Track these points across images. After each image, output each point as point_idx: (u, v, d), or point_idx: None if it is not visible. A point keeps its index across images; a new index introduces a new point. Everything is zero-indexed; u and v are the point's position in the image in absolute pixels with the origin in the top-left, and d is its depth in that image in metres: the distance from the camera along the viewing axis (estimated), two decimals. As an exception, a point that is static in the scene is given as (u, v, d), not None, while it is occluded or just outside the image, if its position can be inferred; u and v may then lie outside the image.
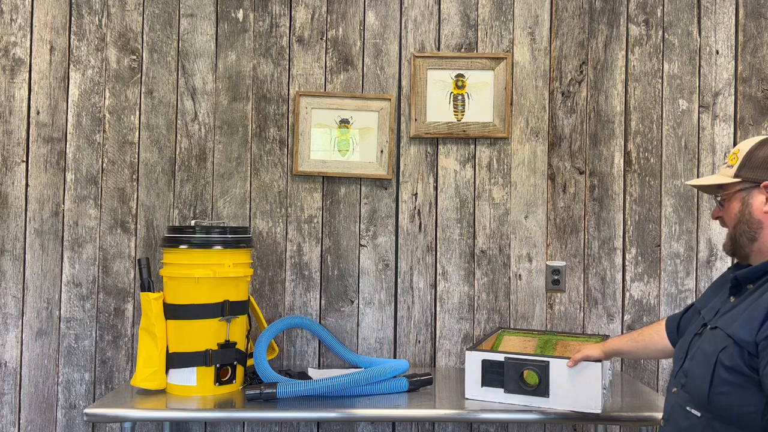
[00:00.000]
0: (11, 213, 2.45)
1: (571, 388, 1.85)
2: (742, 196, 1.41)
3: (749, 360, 1.26)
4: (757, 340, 1.25)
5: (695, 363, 1.38)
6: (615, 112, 2.47)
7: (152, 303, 2.04)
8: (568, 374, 1.86)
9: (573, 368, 1.84)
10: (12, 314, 2.44)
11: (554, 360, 1.88)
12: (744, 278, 1.39)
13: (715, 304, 1.48)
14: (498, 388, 1.93)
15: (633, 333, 1.85)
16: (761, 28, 2.47)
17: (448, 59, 2.46)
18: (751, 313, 1.29)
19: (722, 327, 1.34)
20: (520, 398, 1.91)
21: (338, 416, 1.98)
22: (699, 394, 1.33)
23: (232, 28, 2.49)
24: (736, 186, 1.42)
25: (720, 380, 1.29)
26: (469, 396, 1.97)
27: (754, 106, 2.46)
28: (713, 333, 1.37)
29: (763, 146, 1.40)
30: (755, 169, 1.39)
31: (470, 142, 2.48)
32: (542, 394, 1.88)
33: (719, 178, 1.46)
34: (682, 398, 1.40)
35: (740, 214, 1.40)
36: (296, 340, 2.47)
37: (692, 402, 1.36)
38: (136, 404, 1.95)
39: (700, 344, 1.40)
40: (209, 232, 2.08)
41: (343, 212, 2.48)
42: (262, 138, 2.48)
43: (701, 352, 1.37)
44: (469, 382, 1.97)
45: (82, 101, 2.47)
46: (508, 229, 2.47)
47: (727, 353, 1.29)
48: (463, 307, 2.47)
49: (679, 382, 1.43)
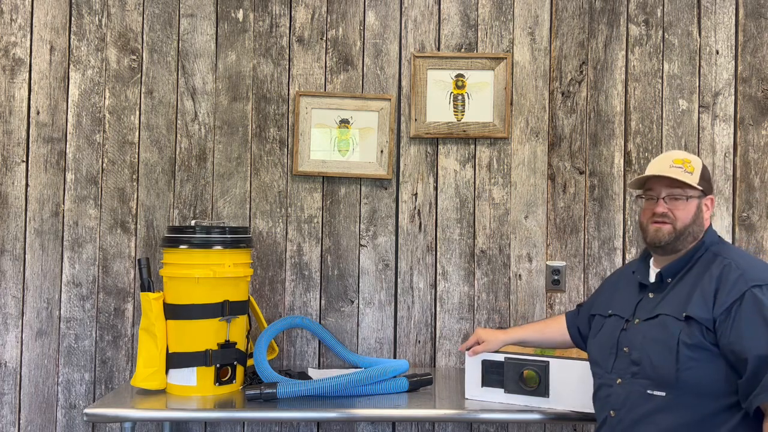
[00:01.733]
0: (11, 213, 2.45)
1: (570, 388, 1.85)
2: (698, 202, 1.65)
3: (707, 335, 1.50)
4: (714, 316, 1.50)
5: (650, 350, 1.56)
6: (615, 112, 2.47)
7: (152, 303, 2.04)
8: (568, 375, 1.86)
9: (572, 369, 1.87)
10: (12, 314, 2.44)
11: (554, 360, 1.88)
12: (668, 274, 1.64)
13: (627, 302, 1.70)
14: (498, 388, 1.94)
15: (539, 324, 2.05)
16: (761, 28, 2.47)
17: (448, 59, 2.46)
18: (701, 295, 1.54)
19: (669, 313, 1.56)
20: (520, 398, 1.91)
21: (338, 416, 1.98)
22: (663, 375, 1.53)
23: (232, 28, 2.49)
24: (698, 192, 1.65)
25: (685, 358, 1.50)
26: (469, 396, 1.97)
27: (754, 106, 2.46)
28: (656, 321, 1.58)
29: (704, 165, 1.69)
30: (707, 182, 1.67)
31: (470, 142, 2.48)
32: (542, 394, 1.88)
33: (691, 178, 1.64)
34: (639, 384, 1.57)
35: (695, 218, 1.64)
36: (296, 340, 2.47)
37: (653, 385, 1.54)
38: (136, 404, 1.95)
39: (645, 334, 1.59)
40: (209, 232, 2.08)
41: (343, 212, 2.48)
42: (262, 138, 2.48)
43: (650, 340, 1.57)
44: (469, 383, 1.97)
45: (82, 101, 2.47)
46: (508, 229, 2.48)
47: (686, 333, 1.51)
48: (463, 307, 2.47)
49: (628, 372, 1.60)
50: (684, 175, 1.64)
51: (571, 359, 1.89)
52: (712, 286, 1.54)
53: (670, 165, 1.66)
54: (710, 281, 1.55)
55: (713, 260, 1.60)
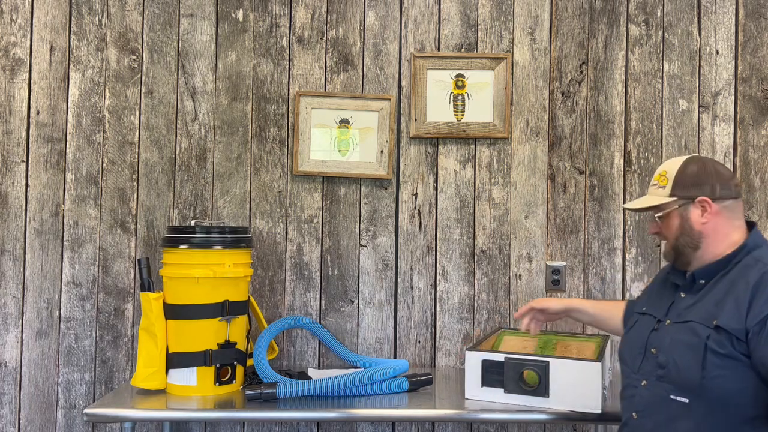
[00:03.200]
0: (11, 213, 2.45)
1: (571, 388, 1.85)
2: (680, 212, 1.58)
3: (738, 345, 1.41)
4: (747, 327, 1.41)
5: (676, 354, 1.49)
6: (615, 112, 2.47)
7: (152, 303, 2.04)
8: (568, 374, 1.86)
9: (572, 369, 1.86)
10: (12, 314, 2.44)
11: (554, 360, 1.88)
12: (700, 275, 1.57)
13: (661, 302, 1.64)
14: (498, 388, 1.93)
15: (600, 302, 1.97)
16: (761, 28, 2.47)
17: (448, 59, 2.46)
18: (734, 303, 1.45)
19: (697, 320, 1.49)
20: (520, 398, 1.90)
21: (338, 416, 1.98)
22: (687, 380, 1.46)
23: (232, 28, 2.49)
24: (672, 204, 1.59)
25: (712, 365, 1.42)
26: (469, 396, 1.97)
27: (754, 106, 2.46)
28: (688, 326, 1.50)
29: (689, 165, 1.59)
30: (687, 187, 1.58)
31: (470, 142, 2.48)
32: (542, 394, 1.88)
33: (655, 199, 1.61)
34: (663, 388, 1.51)
35: (681, 228, 1.58)
36: (296, 340, 2.47)
37: (677, 390, 1.48)
38: (136, 404, 1.95)
39: (673, 336, 1.53)
40: (209, 232, 2.08)
41: (343, 212, 2.48)
42: (262, 138, 2.48)
43: (678, 343, 1.50)
44: (469, 382, 1.97)
45: (82, 101, 2.47)
46: (508, 229, 2.47)
47: (715, 341, 1.43)
48: (463, 307, 2.47)
49: (653, 375, 1.54)
50: (652, 198, 1.62)
51: (571, 359, 1.88)
52: (747, 295, 1.44)
53: (652, 183, 1.64)
54: (746, 289, 1.45)
55: (753, 265, 1.49)
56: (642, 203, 1.65)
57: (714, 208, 1.56)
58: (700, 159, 1.61)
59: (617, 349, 1.79)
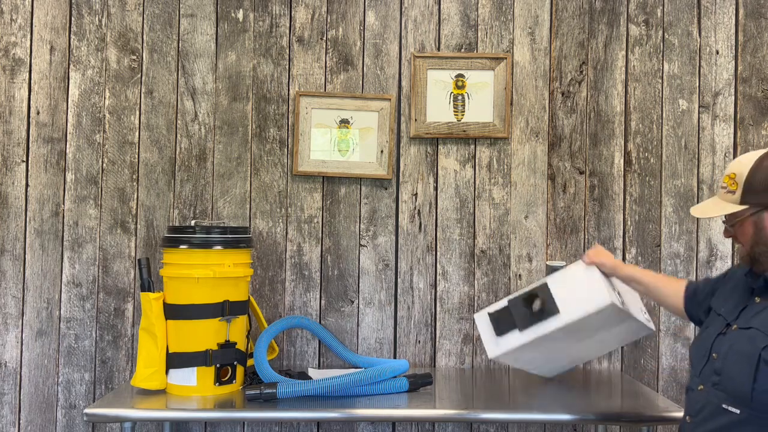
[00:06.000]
0: (11, 213, 2.45)
1: (575, 294, 1.87)
2: (753, 220, 1.45)
3: None
4: None
5: (732, 362, 1.42)
6: (615, 112, 2.48)
7: (152, 303, 2.04)
8: (568, 285, 1.89)
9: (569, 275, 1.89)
10: (12, 314, 2.44)
11: (550, 278, 1.92)
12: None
13: (734, 304, 1.53)
14: (513, 331, 1.94)
15: (657, 276, 1.89)
16: (761, 28, 2.47)
17: (448, 59, 2.46)
18: None
19: (759, 327, 1.40)
20: (537, 328, 1.90)
21: (338, 416, 1.98)
22: (740, 392, 1.38)
23: (232, 28, 2.49)
24: (744, 213, 1.46)
25: (765, 377, 1.34)
26: (493, 355, 1.97)
27: (754, 106, 2.46)
28: (748, 333, 1.42)
29: (760, 167, 1.45)
30: (759, 194, 1.44)
31: (470, 142, 2.48)
32: (553, 312, 1.88)
33: (726, 206, 1.50)
34: (716, 396, 1.44)
35: (756, 237, 1.46)
36: (296, 340, 2.47)
37: (730, 400, 1.40)
38: (136, 404, 1.95)
39: (732, 343, 1.45)
40: (209, 232, 2.08)
41: (343, 212, 2.48)
42: (262, 138, 2.48)
43: (737, 351, 1.42)
44: (486, 341, 1.98)
45: (82, 101, 2.47)
46: (508, 229, 2.47)
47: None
48: (463, 307, 2.47)
49: (710, 380, 1.47)
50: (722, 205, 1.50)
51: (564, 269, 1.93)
52: None
53: (721, 185, 1.53)
54: None
55: None
56: (711, 211, 1.54)
57: None
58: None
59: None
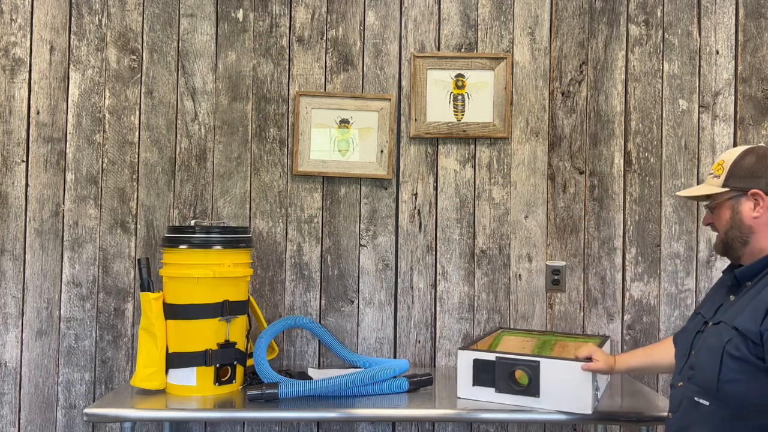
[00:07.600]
0: (11, 213, 2.45)
1: (561, 388, 1.84)
2: (732, 204, 1.51)
3: (754, 349, 1.36)
4: (761, 331, 1.35)
5: (702, 356, 1.47)
6: (615, 112, 2.47)
7: (152, 303, 2.04)
8: (559, 375, 1.85)
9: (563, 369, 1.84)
10: (12, 314, 2.44)
11: (545, 360, 1.87)
12: (742, 276, 1.50)
13: (713, 303, 1.58)
14: (489, 387, 1.93)
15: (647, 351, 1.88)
16: (761, 28, 2.47)
17: (448, 59, 2.46)
18: (754, 307, 1.39)
19: (726, 321, 1.44)
20: (511, 398, 1.90)
21: (338, 416, 1.98)
22: (707, 384, 1.42)
23: (232, 28, 2.49)
24: (725, 195, 1.53)
25: (728, 370, 1.38)
26: (461, 395, 1.97)
27: (754, 106, 2.46)
28: (717, 327, 1.46)
29: (747, 156, 1.52)
30: (741, 179, 1.50)
31: (470, 142, 2.48)
32: (533, 394, 1.87)
33: (708, 188, 1.56)
34: (690, 390, 1.48)
35: (731, 221, 1.51)
36: (296, 340, 2.47)
37: (700, 392, 1.44)
38: (136, 404, 1.95)
39: (705, 339, 1.49)
40: (209, 232, 2.08)
41: (343, 212, 2.48)
42: (262, 138, 2.48)
43: (707, 346, 1.47)
44: (461, 381, 1.97)
45: (82, 101, 2.47)
46: (508, 229, 2.47)
47: (732, 344, 1.38)
48: (463, 307, 2.47)
49: (686, 376, 1.51)
50: (705, 186, 1.56)
51: (561, 359, 1.87)
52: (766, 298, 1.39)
53: (709, 172, 1.58)
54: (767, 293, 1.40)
55: None
56: (694, 191, 1.59)
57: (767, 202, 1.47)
58: (760, 150, 1.52)
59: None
